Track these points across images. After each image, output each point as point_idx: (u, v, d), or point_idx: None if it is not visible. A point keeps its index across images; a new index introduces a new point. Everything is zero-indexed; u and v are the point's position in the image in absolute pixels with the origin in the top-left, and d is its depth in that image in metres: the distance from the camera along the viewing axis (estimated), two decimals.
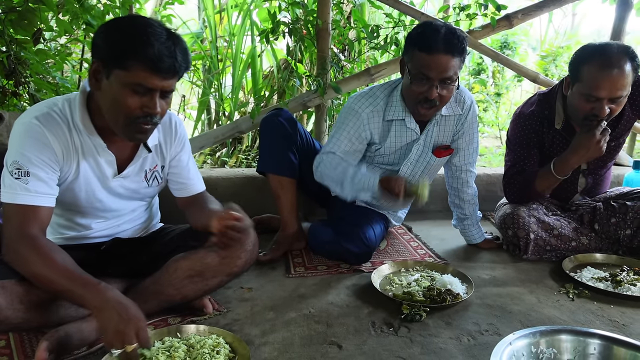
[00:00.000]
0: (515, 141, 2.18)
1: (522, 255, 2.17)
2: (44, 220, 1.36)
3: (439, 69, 1.79)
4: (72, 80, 3.05)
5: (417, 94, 1.87)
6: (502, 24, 3.22)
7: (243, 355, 1.30)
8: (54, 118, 1.39)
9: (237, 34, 4.27)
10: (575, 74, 1.92)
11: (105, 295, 1.22)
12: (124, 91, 1.30)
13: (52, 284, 1.26)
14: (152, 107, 1.33)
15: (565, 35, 7.65)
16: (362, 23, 3.24)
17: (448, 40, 1.77)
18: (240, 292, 1.79)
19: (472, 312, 1.67)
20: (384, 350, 1.41)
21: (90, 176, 1.49)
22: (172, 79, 1.33)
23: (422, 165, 2.13)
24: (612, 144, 2.15)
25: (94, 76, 1.34)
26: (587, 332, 1.27)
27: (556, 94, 2.11)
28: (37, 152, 1.35)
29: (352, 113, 2.04)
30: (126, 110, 1.32)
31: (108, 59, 1.29)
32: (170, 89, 1.36)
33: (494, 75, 6.79)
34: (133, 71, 1.27)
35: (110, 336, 1.17)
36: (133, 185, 1.60)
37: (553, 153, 2.14)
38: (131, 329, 1.18)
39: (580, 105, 1.91)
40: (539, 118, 2.11)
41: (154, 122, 1.37)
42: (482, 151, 5.56)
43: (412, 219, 2.73)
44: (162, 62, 1.27)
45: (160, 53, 1.26)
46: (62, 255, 1.31)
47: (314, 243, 2.16)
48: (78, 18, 2.55)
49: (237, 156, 4.08)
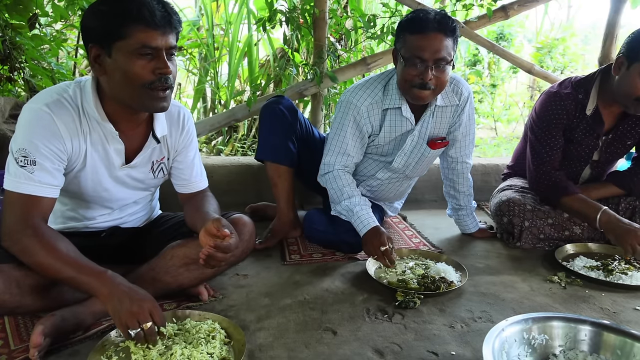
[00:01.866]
0: (545, 120, 2.15)
1: (515, 243, 2.20)
2: (46, 210, 1.36)
3: (432, 49, 1.76)
4: (67, 67, 3.03)
5: (412, 77, 1.83)
6: (498, 14, 3.22)
7: (238, 340, 1.31)
8: (64, 105, 1.36)
9: (234, 22, 4.25)
10: (635, 53, 1.88)
11: (114, 281, 1.25)
12: (131, 60, 1.28)
13: (57, 273, 1.27)
14: (164, 66, 1.31)
15: (560, 28, 7.66)
16: (359, 12, 3.23)
17: (439, 20, 1.77)
18: (236, 279, 1.80)
19: (465, 299, 1.69)
20: (378, 336, 1.43)
21: (98, 165, 1.48)
22: (170, 33, 1.32)
23: (416, 156, 2.11)
24: (628, 143, 2.18)
25: (95, 62, 1.32)
26: (578, 318, 1.30)
27: (594, 80, 2.10)
28: (45, 141, 1.33)
29: (351, 107, 2.01)
30: (140, 78, 1.30)
31: (104, 36, 1.28)
32: (173, 45, 1.34)
33: (490, 67, 6.80)
34: (133, 35, 1.26)
35: (124, 318, 1.19)
36: (140, 176, 1.59)
37: (575, 139, 2.15)
38: (145, 308, 1.21)
39: (637, 85, 1.88)
40: (574, 101, 2.11)
41: (168, 84, 1.35)
42: (478, 142, 5.59)
43: (407, 208, 2.75)
44: (156, 16, 1.27)
45: (152, 8, 1.27)
46: (66, 243, 1.31)
47: (309, 231, 2.17)
48: (74, 4, 2.53)
49: (233, 144, 4.08)
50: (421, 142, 2.09)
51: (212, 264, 1.37)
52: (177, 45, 1.37)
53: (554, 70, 6.41)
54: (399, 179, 2.20)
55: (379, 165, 2.18)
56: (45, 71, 2.57)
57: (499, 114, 6.60)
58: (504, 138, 5.87)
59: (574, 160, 2.22)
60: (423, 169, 2.23)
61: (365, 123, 2.02)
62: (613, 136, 2.15)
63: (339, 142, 2.04)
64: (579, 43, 7.16)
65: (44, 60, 2.65)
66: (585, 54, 7.11)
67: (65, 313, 1.32)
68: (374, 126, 2.04)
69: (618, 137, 2.15)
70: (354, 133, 2.03)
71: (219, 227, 1.35)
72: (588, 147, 2.17)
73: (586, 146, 2.17)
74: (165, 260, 1.52)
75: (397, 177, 2.19)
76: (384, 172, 2.16)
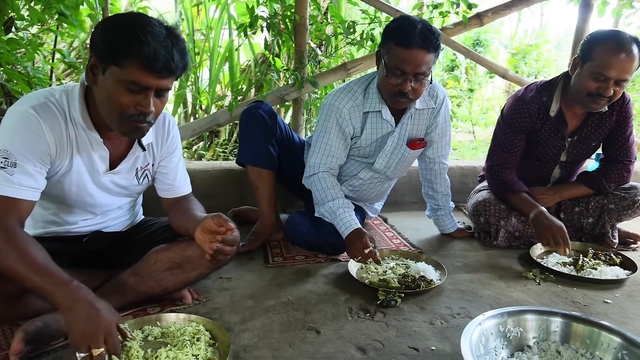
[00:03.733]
0: (508, 122, 2.27)
1: (492, 241, 2.27)
2: (23, 214, 1.32)
3: (414, 64, 1.83)
4: (43, 71, 3.00)
5: (391, 87, 1.91)
6: (473, 22, 3.31)
7: (223, 341, 1.32)
8: (50, 109, 1.35)
9: (215, 28, 4.26)
10: (587, 53, 2.01)
11: (76, 294, 1.17)
12: (119, 88, 1.28)
13: (23, 280, 1.21)
14: (146, 106, 1.30)
15: (534, 34, 7.85)
16: (338, 19, 3.28)
17: (424, 37, 1.81)
18: (219, 282, 1.82)
19: (444, 297, 1.74)
20: (360, 334, 1.46)
21: (82, 170, 1.47)
22: (167, 78, 1.31)
23: (396, 157, 2.18)
24: (592, 144, 2.28)
25: (91, 70, 1.32)
26: (550, 311, 1.35)
27: (557, 84, 2.21)
28: (29, 143, 1.31)
29: (333, 110, 2.06)
30: (120, 108, 1.30)
31: (104, 55, 1.27)
32: (166, 87, 1.33)
33: (467, 72, 6.93)
34: (128, 69, 1.25)
35: (77, 338, 1.13)
36: (124, 182, 1.59)
37: (541, 140, 2.25)
38: (100, 332, 1.14)
39: (588, 83, 2.00)
40: (537, 104, 2.21)
41: (147, 120, 1.34)
42: (456, 145, 5.68)
43: (388, 210, 2.80)
44: (158, 62, 1.25)
45: (156, 52, 1.24)
46: (37, 249, 1.25)
47: (292, 234, 2.20)
48: (51, 7, 2.51)
49: (215, 149, 4.09)
50: (401, 144, 2.15)
51: (219, 258, 1.39)
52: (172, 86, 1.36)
53: (529, 75, 6.57)
54: (381, 179, 2.26)
55: (361, 166, 2.23)
56: (21, 75, 2.54)
57: (477, 118, 6.72)
58: (482, 141, 5.98)
59: (543, 161, 2.33)
60: (403, 170, 2.29)
61: (348, 125, 2.07)
62: (578, 137, 2.25)
63: (324, 143, 2.08)
64: (551, 49, 7.37)
65: (20, 65, 2.62)
66: (557, 60, 7.31)
67: (47, 319, 1.29)
68: (355, 128, 2.09)
69: (583, 138, 2.25)
70: (337, 135, 2.08)
71: (222, 221, 1.36)
72: (555, 147, 2.27)
73: (552, 147, 2.26)
74: (148, 264, 1.51)
75: (379, 178, 2.25)
76: (366, 172, 2.22)
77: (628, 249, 2.32)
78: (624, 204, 2.22)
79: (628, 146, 2.24)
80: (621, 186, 2.27)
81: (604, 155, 2.34)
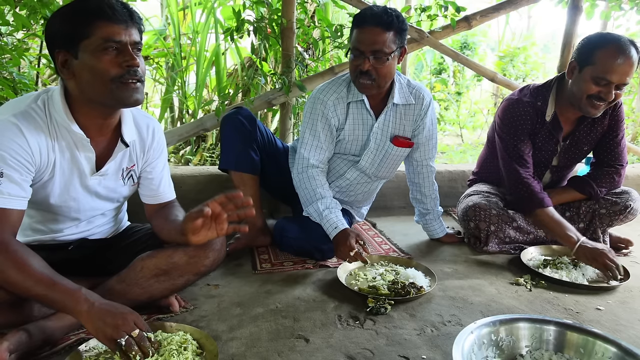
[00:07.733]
0: (511, 126, 2.21)
1: (482, 247, 2.25)
2: (15, 224, 1.31)
3: (367, 42, 1.90)
4: (29, 76, 2.95)
5: (354, 68, 1.98)
6: (462, 25, 3.32)
7: (211, 351, 1.30)
8: (32, 116, 1.34)
9: (201, 32, 4.23)
10: (586, 57, 1.98)
11: (90, 299, 1.22)
12: (98, 56, 1.29)
13: (29, 291, 1.22)
14: (131, 58, 1.31)
15: (521, 37, 7.92)
16: (326, 22, 3.27)
17: (377, 15, 1.90)
18: (207, 289, 1.79)
19: (435, 304, 1.72)
20: (350, 342, 1.44)
21: (67, 174, 1.45)
22: (133, 27, 1.34)
23: (380, 153, 2.20)
24: (585, 149, 2.27)
25: (63, 67, 1.32)
26: (543, 319, 1.34)
27: (551, 87, 2.20)
28: (13, 152, 1.29)
29: (318, 102, 2.11)
30: (108, 73, 1.30)
31: (69, 38, 1.29)
32: (137, 41, 1.35)
33: (455, 75, 6.96)
34: (96, 32, 1.28)
35: (109, 332, 1.17)
36: (111, 184, 1.57)
37: (536, 145, 2.23)
38: (128, 318, 1.20)
39: (588, 87, 1.98)
40: (533, 108, 2.19)
41: (138, 76, 1.35)
42: (444, 149, 5.69)
43: (376, 215, 2.78)
44: (117, 10, 1.30)
45: (111, 4, 1.30)
46: (38, 260, 1.26)
47: (279, 239, 2.18)
48: (36, 13, 2.47)
49: (202, 154, 4.05)
50: (384, 140, 2.18)
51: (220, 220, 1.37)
52: (142, 45, 1.39)
53: (516, 78, 6.62)
54: (367, 180, 2.27)
55: (347, 165, 2.24)
56: (6, 81, 2.50)
57: (465, 121, 6.75)
58: (470, 145, 6.00)
59: (535, 166, 2.30)
60: (389, 170, 2.29)
61: (333, 116, 2.12)
62: (570, 142, 2.24)
63: (311, 135, 2.12)
64: (539, 52, 7.43)
65: (5, 70, 2.57)
66: (545, 62, 7.38)
67: (32, 328, 1.28)
68: (340, 119, 2.14)
69: (575, 142, 2.25)
70: (323, 127, 2.12)
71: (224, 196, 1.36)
72: (548, 152, 2.26)
73: (546, 152, 2.25)
74: (135, 271, 1.49)
75: (365, 178, 2.26)
76: (353, 172, 2.23)
77: (619, 254, 2.31)
78: (615, 209, 2.22)
79: (619, 150, 2.24)
80: (612, 191, 2.27)
81: (595, 159, 2.33)
